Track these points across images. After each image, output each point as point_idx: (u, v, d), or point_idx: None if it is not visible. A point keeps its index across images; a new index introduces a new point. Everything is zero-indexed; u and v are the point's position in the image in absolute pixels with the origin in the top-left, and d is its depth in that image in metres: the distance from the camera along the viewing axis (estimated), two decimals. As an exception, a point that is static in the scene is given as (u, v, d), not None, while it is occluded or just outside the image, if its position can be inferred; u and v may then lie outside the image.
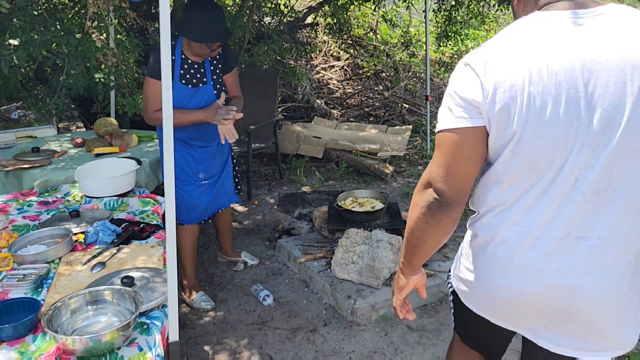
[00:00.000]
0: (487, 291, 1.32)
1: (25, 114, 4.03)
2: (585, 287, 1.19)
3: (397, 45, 8.64)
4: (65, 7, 4.15)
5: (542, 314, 1.26)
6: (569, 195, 1.14)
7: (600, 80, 1.06)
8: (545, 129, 1.09)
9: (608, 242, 1.16)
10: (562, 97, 1.07)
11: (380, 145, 5.21)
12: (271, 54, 5.41)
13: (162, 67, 1.66)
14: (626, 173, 1.10)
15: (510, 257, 1.23)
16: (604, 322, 1.23)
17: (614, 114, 1.06)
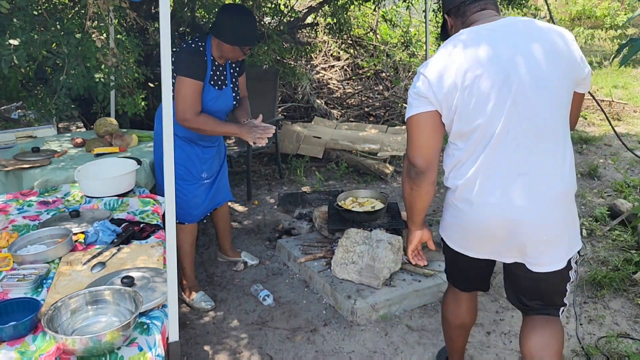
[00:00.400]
0: (461, 228, 1.77)
1: (25, 114, 4.03)
2: (529, 213, 1.61)
3: (397, 45, 8.64)
4: (65, 7, 4.15)
5: (501, 239, 1.68)
6: (506, 143, 1.59)
7: (511, 67, 1.56)
8: (477, 103, 1.58)
9: (541, 176, 1.60)
10: (485, 78, 1.56)
11: (380, 145, 5.21)
12: (271, 54, 5.40)
13: (162, 67, 1.66)
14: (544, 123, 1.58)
15: (472, 198, 1.67)
16: (544, 245, 1.65)
17: (525, 84, 1.55)
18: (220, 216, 3.18)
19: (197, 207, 2.85)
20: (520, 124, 1.57)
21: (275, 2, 5.79)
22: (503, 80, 1.56)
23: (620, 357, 2.44)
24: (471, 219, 1.70)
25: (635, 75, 9.05)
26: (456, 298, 2.10)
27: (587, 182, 4.72)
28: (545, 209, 1.62)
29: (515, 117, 1.57)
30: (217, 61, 2.67)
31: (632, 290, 2.96)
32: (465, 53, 1.60)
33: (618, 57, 9.33)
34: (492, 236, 1.70)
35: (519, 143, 1.58)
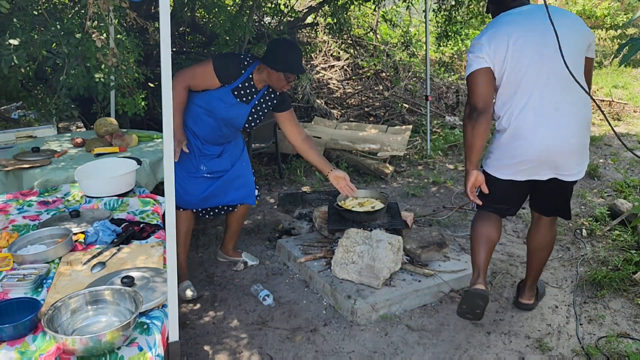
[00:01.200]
0: (513, 159, 2.37)
1: (25, 114, 4.03)
2: (565, 140, 2.29)
3: (397, 45, 8.64)
4: (65, 7, 4.15)
5: (544, 161, 2.33)
6: (545, 88, 2.25)
7: (539, 32, 2.22)
8: (523, 59, 2.23)
9: (570, 110, 2.28)
10: (528, 40, 2.23)
11: (380, 145, 5.22)
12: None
13: (162, 67, 1.66)
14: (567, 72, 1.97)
15: (524, 133, 2.30)
16: (573, 160, 2.37)
17: (552, 45, 2.07)
18: (237, 217, 3.20)
19: (191, 195, 2.87)
20: (555, 74, 2.22)
21: (275, 2, 5.79)
22: (541, 41, 2.22)
23: (620, 357, 2.44)
24: (524, 149, 2.33)
25: (635, 75, 9.05)
26: (490, 219, 2.63)
27: (587, 182, 4.72)
28: (575, 136, 2.31)
29: (551, 68, 2.22)
30: (255, 83, 2.75)
31: (632, 290, 2.96)
32: (509, 25, 2.27)
33: (618, 57, 9.33)
34: (538, 159, 2.34)
35: (554, 88, 2.25)
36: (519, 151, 2.34)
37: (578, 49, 2.28)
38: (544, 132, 2.28)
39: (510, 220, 3.94)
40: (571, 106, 2.28)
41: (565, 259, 3.37)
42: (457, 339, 2.59)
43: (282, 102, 2.90)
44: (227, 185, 2.97)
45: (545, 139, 2.29)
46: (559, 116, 2.27)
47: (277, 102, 2.89)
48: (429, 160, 5.35)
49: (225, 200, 3.01)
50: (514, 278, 3.14)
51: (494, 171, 2.48)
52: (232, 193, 3.01)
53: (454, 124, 6.55)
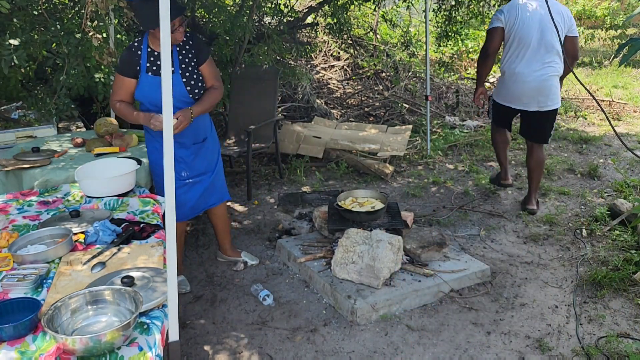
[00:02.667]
0: (510, 90, 3.79)
1: (25, 114, 4.03)
2: (547, 82, 3.67)
3: (397, 45, 8.64)
4: (65, 7, 4.15)
5: (531, 96, 3.71)
6: (537, 48, 3.64)
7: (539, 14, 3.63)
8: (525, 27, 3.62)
9: (551, 64, 3.66)
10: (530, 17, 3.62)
11: (380, 145, 5.21)
12: (271, 53, 5.41)
13: (162, 67, 1.67)
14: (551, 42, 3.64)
15: (518, 75, 3.70)
16: (549, 97, 3.71)
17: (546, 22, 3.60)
18: (218, 216, 3.18)
19: (180, 207, 2.85)
20: (543, 40, 3.60)
21: (275, 2, 5.79)
22: (539, 18, 3.60)
23: (620, 357, 2.44)
24: (518, 85, 3.72)
25: (635, 75, 9.05)
26: (500, 131, 4.20)
27: (587, 182, 4.72)
28: (553, 79, 3.69)
29: (541, 36, 3.60)
30: (157, 50, 2.70)
31: (632, 290, 2.96)
32: (521, 6, 3.65)
33: (618, 57, 9.33)
34: (527, 94, 3.72)
35: (540, 49, 3.63)
36: (514, 86, 3.75)
37: (561, 30, 3.63)
38: (533, 74, 3.65)
39: (510, 220, 3.94)
40: (552, 62, 3.66)
41: (565, 259, 3.37)
42: (457, 339, 2.59)
43: (199, 51, 2.76)
44: (210, 189, 2.98)
45: (534, 81, 3.66)
46: (545, 67, 3.65)
47: (196, 52, 2.75)
48: (429, 160, 5.35)
49: (209, 204, 3.02)
50: (514, 278, 3.14)
51: (500, 99, 3.94)
52: (212, 196, 3.03)
53: (454, 124, 6.55)
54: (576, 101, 7.47)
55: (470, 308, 2.84)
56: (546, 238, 3.66)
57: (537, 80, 3.63)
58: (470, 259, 3.20)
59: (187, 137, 2.80)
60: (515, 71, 3.68)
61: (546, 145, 5.55)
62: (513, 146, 5.74)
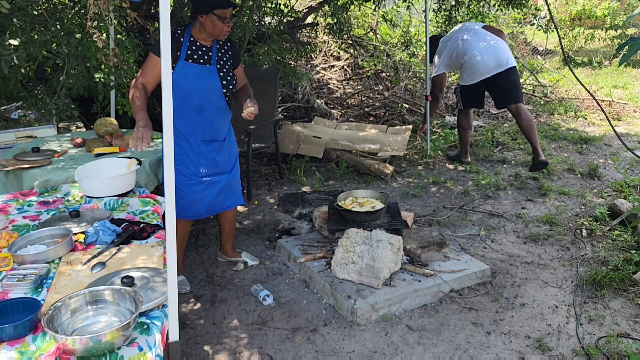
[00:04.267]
0: (475, 68, 4.70)
1: (25, 114, 4.03)
2: (495, 46, 4.76)
3: (397, 45, 8.64)
4: (65, 7, 4.14)
5: (491, 62, 4.66)
6: (476, 35, 4.85)
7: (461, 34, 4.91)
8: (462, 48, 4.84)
9: (491, 39, 4.80)
10: (461, 39, 4.86)
11: (380, 145, 5.21)
12: (271, 53, 5.40)
13: (162, 67, 1.66)
14: None
15: (474, 54, 4.72)
16: (506, 55, 4.74)
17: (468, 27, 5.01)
18: (228, 219, 3.19)
19: (195, 204, 2.86)
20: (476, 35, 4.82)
21: (275, 2, 5.79)
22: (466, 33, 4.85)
23: (620, 357, 2.44)
24: (479, 59, 4.63)
25: (635, 75, 9.05)
26: (467, 114, 5.05)
27: (587, 182, 4.72)
28: (501, 43, 4.74)
29: (473, 33, 4.84)
30: (201, 42, 2.74)
31: (632, 290, 2.96)
32: (449, 43, 4.93)
33: (618, 57, 9.33)
34: (488, 63, 4.62)
35: (477, 35, 4.82)
36: (477, 63, 4.64)
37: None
38: (485, 49, 4.65)
39: (510, 220, 3.94)
40: (489, 39, 4.73)
41: (565, 259, 3.37)
42: (457, 339, 2.59)
43: (235, 54, 2.90)
44: (227, 190, 2.99)
45: (488, 51, 4.64)
46: (488, 42, 4.70)
47: (233, 55, 2.88)
48: (429, 160, 5.35)
49: (225, 206, 3.03)
50: (514, 278, 3.14)
51: (467, 82, 4.80)
52: (229, 198, 3.03)
53: (454, 124, 6.55)
54: (576, 101, 7.47)
55: (470, 308, 2.84)
56: (546, 238, 3.66)
57: (491, 51, 4.62)
58: (470, 259, 3.20)
59: (208, 134, 2.82)
60: (470, 51, 4.66)
61: (546, 145, 5.60)
62: (513, 146, 5.74)
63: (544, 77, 8.67)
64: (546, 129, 6.33)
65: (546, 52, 10.57)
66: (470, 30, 4.82)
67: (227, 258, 3.36)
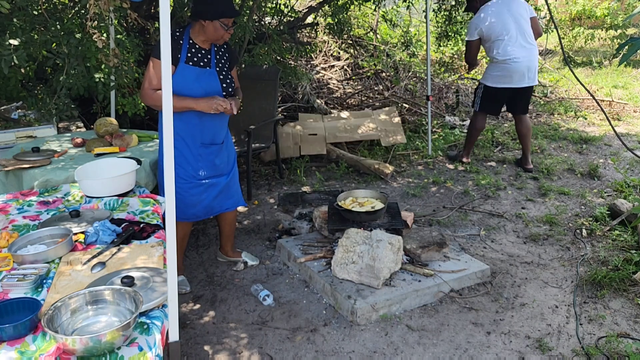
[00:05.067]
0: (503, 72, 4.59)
1: (25, 114, 4.03)
2: (533, 62, 4.59)
3: (397, 45, 8.64)
4: (65, 7, 4.15)
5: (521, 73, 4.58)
6: (516, 37, 4.57)
7: (509, 12, 4.62)
8: (500, 22, 4.58)
9: (531, 43, 4.64)
10: (506, 20, 4.58)
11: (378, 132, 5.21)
12: (271, 53, 5.41)
13: (162, 67, 1.66)
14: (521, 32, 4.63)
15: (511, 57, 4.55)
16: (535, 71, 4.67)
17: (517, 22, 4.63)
18: (228, 221, 3.19)
19: (193, 207, 2.86)
20: (520, 28, 4.54)
21: (275, 2, 5.79)
22: (507, 12, 4.55)
23: (620, 357, 2.44)
24: (511, 66, 4.52)
25: (635, 75, 9.05)
26: (483, 117, 4.97)
27: (587, 182, 4.72)
28: (536, 58, 4.58)
29: (517, 25, 4.55)
30: (199, 45, 2.74)
31: (632, 290, 2.96)
32: (489, 7, 4.62)
33: (618, 57, 9.32)
34: (519, 73, 4.53)
35: (519, 35, 4.54)
36: (507, 69, 4.53)
37: (528, 19, 4.61)
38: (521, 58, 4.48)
39: (510, 220, 3.94)
40: (532, 46, 4.57)
41: (565, 259, 3.37)
42: (457, 339, 2.59)
43: (233, 56, 2.90)
44: (226, 192, 2.99)
45: (522, 62, 4.49)
46: (527, 50, 4.52)
47: (230, 56, 2.88)
48: (429, 160, 5.35)
49: (224, 208, 3.03)
50: (514, 278, 3.14)
51: (493, 83, 4.68)
52: (228, 200, 3.04)
53: (454, 124, 6.55)
54: (576, 101, 7.47)
55: (470, 308, 2.84)
56: (546, 238, 3.66)
57: (527, 59, 4.50)
58: (470, 259, 3.20)
59: (207, 137, 2.82)
60: (509, 54, 4.49)
61: (546, 145, 5.61)
62: (513, 146, 5.74)
63: (544, 77, 8.67)
64: (546, 129, 6.33)
65: (546, 52, 10.58)
66: (518, 18, 4.53)
67: (227, 258, 3.36)
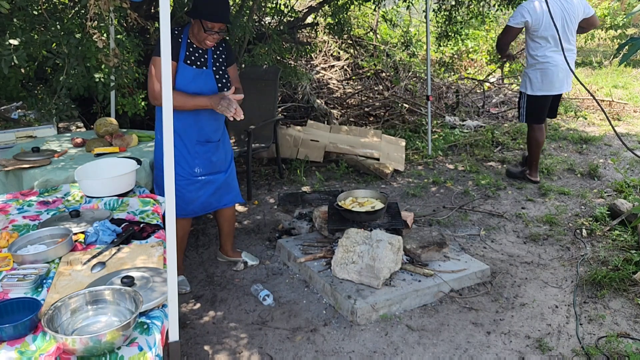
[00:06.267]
0: (546, 78, 4.27)
1: (25, 114, 4.03)
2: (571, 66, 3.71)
3: (397, 45, 8.64)
4: (65, 7, 4.15)
5: (562, 79, 4.30)
6: (557, 40, 4.17)
7: (562, 11, 4.21)
8: (551, 18, 3.92)
9: (572, 47, 4.33)
10: (557, 16, 4.18)
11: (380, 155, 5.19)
12: (271, 53, 5.40)
13: (162, 67, 1.66)
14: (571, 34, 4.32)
15: (552, 61, 4.24)
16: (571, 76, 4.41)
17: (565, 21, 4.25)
18: (226, 217, 3.19)
19: (191, 203, 2.87)
20: (567, 29, 4.21)
21: (275, 2, 5.79)
22: (560, 13, 4.15)
23: (620, 357, 2.44)
24: (553, 71, 4.23)
25: (635, 75, 9.05)
26: (540, 128, 4.49)
27: (587, 182, 4.72)
28: (573, 63, 4.31)
29: (565, 25, 4.20)
30: (197, 44, 2.74)
31: (632, 290, 2.96)
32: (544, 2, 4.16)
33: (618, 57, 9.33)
34: (560, 78, 4.26)
35: (564, 37, 4.20)
36: (549, 74, 4.23)
37: (578, 19, 4.23)
38: (562, 62, 4.17)
39: (510, 220, 3.94)
40: (572, 50, 4.30)
41: (565, 259, 3.37)
42: (457, 339, 2.59)
43: (229, 52, 2.89)
44: (224, 188, 3.00)
45: (563, 66, 4.19)
46: (568, 54, 4.20)
47: (227, 54, 2.87)
48: (429, 160, 5.35)
49: (222, 204, 3.04)
50: (514, 278, 3.14)
51: (535, 92, 4.33)
52: (226, 197, 3.05)
53: (454, 124, 6.55)
54: (576, 101, 7.47)
55: (470, 308, 2.84)
56: (546, 238, 3.66)
57: (564, 64, 4.21)
58: (470, 259, 3.20)
59: (205, 135, 2.83)
60: (548, 58, 4.20)
61: (546, 145, 5.62)
62: (513, 146, 5.74)
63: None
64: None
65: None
66: (569, 17, 4.18)
67: (227, 258, 3.36)
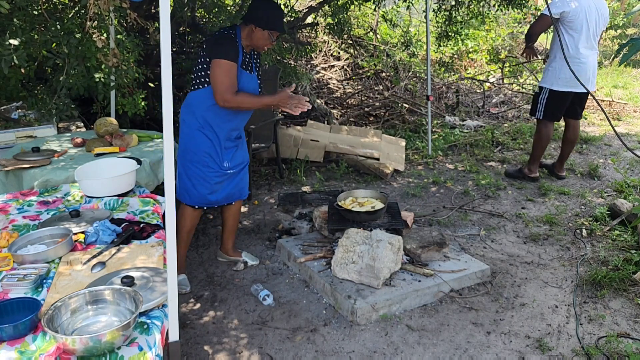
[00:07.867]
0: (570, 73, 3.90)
1: (25, 114, 4.03)
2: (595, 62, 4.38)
3: (397, 45, 8.64)
4: (65, 7, 4.14)
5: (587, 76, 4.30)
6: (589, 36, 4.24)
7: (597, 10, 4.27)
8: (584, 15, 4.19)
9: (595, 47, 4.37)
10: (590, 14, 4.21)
11: (380, 155, 5.19)
12: (271, 53, 5.40)
13: (162, 67, 1.66)
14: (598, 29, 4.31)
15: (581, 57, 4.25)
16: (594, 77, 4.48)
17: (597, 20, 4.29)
18: (232, 212, 3.22)
19: (215, 194, 2.94)
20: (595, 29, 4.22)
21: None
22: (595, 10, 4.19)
23: (620, 357, 2.44)
24: (580, 67, 4.20)
25: (635, 75, 9.04)
26: (550, 126, 4.52)
27: (587, 182, 4.72)
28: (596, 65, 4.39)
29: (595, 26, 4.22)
30: (245, 49, 2.83)
31: (632, 290, 2.96)
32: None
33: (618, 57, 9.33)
34: (585, 75, 4.22)
35: (590, 37, 4.22)
36: (575, 69, 3.86)
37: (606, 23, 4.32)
38: (588, 59, 4.24)
39: (510, 220, 3.94)
40: (596, 49, 4.33)
41: (565, 259, 3.37)
42: (457, 339, 2.59)
43: (259, 58, 3.02)
44: (244, 180, 3.09)
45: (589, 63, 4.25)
46: (593, 52, 4.29)
47: (258, 59, 2.98)
48: (429, 160, 5.35)
49: (235, 197, 3.09)
50: (514, 278, 3.14)
51: (557, 87, 4.32)
52: (244, 188, 3.13)
53: (454, 124, 6.55)
54: (576, 101, 7.46)
55: (470, 308, 2.84)
56: (546, 238, 3.66)
57: (592, 62, 4.29)
58: (470, 259, 3.20)
59: (238, 131, 2.96)
60: (577, 53, 4.20)
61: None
62: (513, 146, 5.74)
63: (544, 77, 8.66)
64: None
65: (546, 52, 10.57)
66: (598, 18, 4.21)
67: (228, 257, 3.36)
